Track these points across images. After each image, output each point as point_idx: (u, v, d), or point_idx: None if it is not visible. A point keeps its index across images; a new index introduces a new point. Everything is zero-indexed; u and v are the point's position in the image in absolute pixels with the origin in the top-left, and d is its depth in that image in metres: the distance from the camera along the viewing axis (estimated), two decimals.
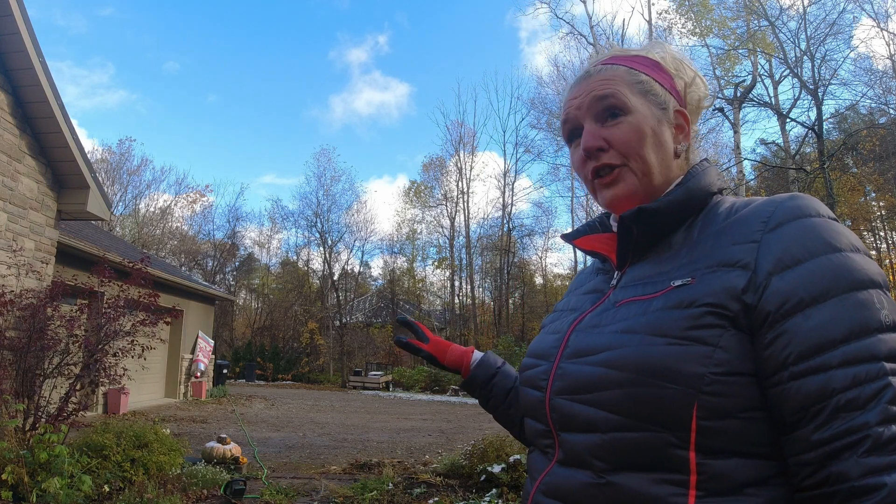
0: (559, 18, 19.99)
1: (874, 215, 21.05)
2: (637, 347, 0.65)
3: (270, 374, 25.33)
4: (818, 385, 0.57)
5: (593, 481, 0.66)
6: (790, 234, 0.63)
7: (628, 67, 0.79)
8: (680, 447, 0.61)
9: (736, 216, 0.69)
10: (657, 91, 0.79)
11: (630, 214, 0.73)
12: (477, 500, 4.74)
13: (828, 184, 11.12)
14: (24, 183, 5.62)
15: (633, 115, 0.76)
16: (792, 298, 0.60)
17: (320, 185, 29.91)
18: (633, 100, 0.77)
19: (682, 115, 0.80)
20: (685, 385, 0.61)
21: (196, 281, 16.64)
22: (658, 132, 0.77)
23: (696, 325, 0.63)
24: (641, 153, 0.76)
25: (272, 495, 4.78)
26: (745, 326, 0.62)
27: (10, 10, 5.19)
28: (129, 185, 30.48)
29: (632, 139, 0.76)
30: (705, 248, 0.69)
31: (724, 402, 0.60)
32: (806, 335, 0.58)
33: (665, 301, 0.66)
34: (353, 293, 34.13)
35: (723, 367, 0.61)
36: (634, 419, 0.63)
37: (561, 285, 31.11)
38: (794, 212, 0.65)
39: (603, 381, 0.67)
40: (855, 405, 0.55)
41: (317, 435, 8.98)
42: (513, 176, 29.29)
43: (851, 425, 0.55)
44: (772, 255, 0.63)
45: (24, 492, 3.64)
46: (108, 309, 5.58)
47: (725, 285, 0.63)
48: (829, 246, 0.62)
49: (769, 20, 12.53)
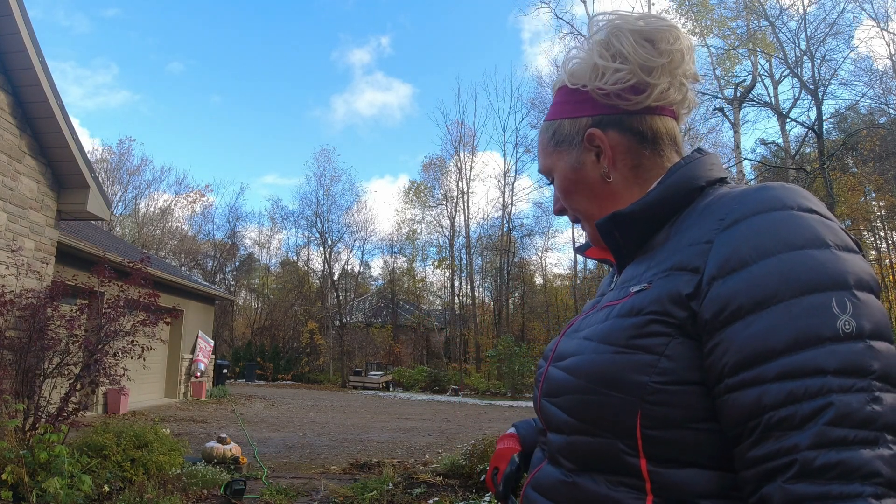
0: (559, 18, 20.05)
1: (874, 215, 21.06)
2: (589, 355, 0.66)
3: (270, 374, 25.33)
4: (752, 399, 0.52)
5: (563, 479, 0.69)
6: (742, 233, 0.57)
7: (546, 122, 0.82)
8: (630, 454, 0.61)
9: (707, 211, 0.64)
10: (565, 131, 0.79)
11: (604, 221, 0.73)
12: (477, 500, 4.74)
13: (828, 184, 11.12)
14: (24, 183, 5.62)
15: (556, 177, 0.81)
16: (731, 305, 0.55)
17: (320, 185, 29.96)
18: (552, 160, 0.80)
19: (593, 135, 0.75)
20: (627, 393, 0.60)
21: (196, 281, 16.65)
22: (577, 178, 0.78)
23: (640, 333, 0.61)
24: (575, 207, 0.80)
25: (272, 495, 4.78)
26: (692, 334, 0.58)
27: (10, 10, 5.18)
28: (129, 185, 30.52)
29: (564, 199, 0.81)
30: (669, 248, 0.66)
31: (669, 412, 0.58)
32: (742, 344, 0.53)
33: (621, 308, 0.66)
34: (353, 293, 34.13)
35: (667, 377, 0.58)
36: (587, 424, 0.65)
37: (561, 285, 31.13)
38: (754, 206, 0.59)
39: (565, 386, 0.69)
40: (789, 424, 0.50)
41: (317, 435, 8.98)
42: (513, 176, 29.32)
43: (782, 446, 0.50)
44: (718, 257, 0.58)
45: (24, 492, 3.63)
46: (108, 309, 5.58)
47: (671, 291, 0.60)
48: (785, 243, 0.55)
49: (769, 20, 12.53)
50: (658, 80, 0.72)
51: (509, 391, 20.01)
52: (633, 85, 0.72)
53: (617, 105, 0.74)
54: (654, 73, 0.71)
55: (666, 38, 0.71)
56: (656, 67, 0.71)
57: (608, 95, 0.73)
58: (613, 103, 0.74)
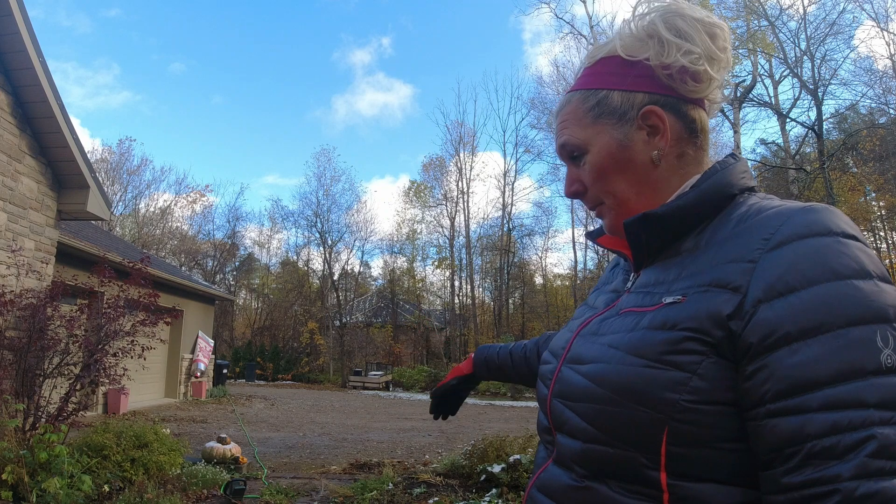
0: (559, 18, 20.06)
1: (874, 215, 21.04)
2: (616, 366, 0.64)
3: (270, 374, 25.33)
4: (793, 427, 0.53)
5: (574, 484, 0.67)
6: (789, 257, 0.57)
7: (583, 91, 0.76)
8: (651, 468, 0.60)
9: (745, 225, 0.64)
10: (612, 104, 0.73)
11: (633, 221, 0.71)
12: (477, 500, 4.74)
13: (828, 184, 11.12)
14: (24, 183, 5.62)
15: (591, 152, 0.74)
16: (778, 331, 0.55)
17: (320, 185, 29.94)
18: (588, 133, 0.74)
19: (653, 112, 0.71)
20: (656, 410, 0.59)
21: (196, 281, 16.65)
22: (621, 157, 0.73)
23: (674, 349, 0.60)
24: (609, 189, 0.74)
25: (272, 495, 4.78)
26: (728, 354, 0.58)
27: (10, 10, 5.18)
28: (129, 185, 30.52)
29: (596, 179, 0.75)
30: (705, 260, 0.64)
31: (696, 431, 0.58)
32: (787, 372, 0.54)
33: (652, 319, 0.64)
34: (353, 293, 34.12)
35: (697, 396, 0.58)
36: (608, 435, 0.63)
37: (561, 285, 31.11)
38: (801, 229, 0.58)
39: (585, 393, 0.67)
40: (831, 454, 0.50)
41: (317, 435, 8.98)
42: (513, 176, 29.30)
43: (823, 475, 0.50)
44: (764, 280, 0.57)
45: (23, 492, 3.63)
46: (108, 309, 5.58)
47: (711, 310, 0.59)
48: (832, 272, 0.55)
49: (769, 20, 12.53)
50: (718, 73, 0.71)
51: (509, 391, 20.01)
52: (697, 71, 0.70)
53: (676, 88, 0.72)
54: (714, 65, 0.71)
55: (725, 37, 0.72)
56: (718, 60, 0.71)
57: (671, 76, 0.71)
58: (674, 85, 0.72)
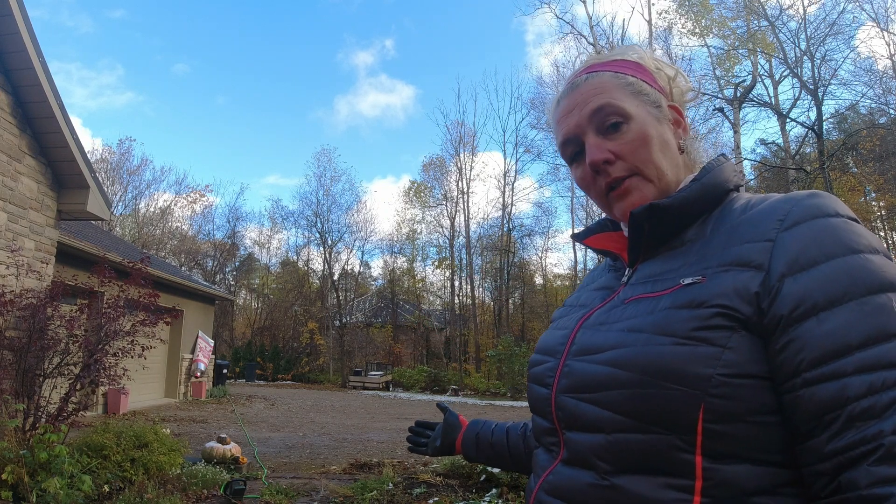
0: (559, 18, 20.07)
1: (874, 215, 21.04)
2: (643, 347, 0.63)
3: (270, 374, 25.33)
4: (832, 393, 0.55)
5: (597, 482, 0.65)
6: (807, 234, 0.61)
7: (613, 72, 0.77)
8: (686, 451, 0.60)
9: (752, 212, 0.68)
10: (647, 90, 0.77)
11: (641, 211, 0.72)
12: (477, 500, 4.74)
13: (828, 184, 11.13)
14: (24, 183, 5.62)
15: (634, 120, 0.74)
16: (806, 302, 0.58)
17: (320, 185, 29.98)
18: (629, 104, 0.75)
19: (675, 109, 0.79)
20: (691, 386, 0.59)
21: (196, 281, 16.64)
22: (660, 132, 0.75)
23: (704, 325, 0.61)
24: (652, 159, 0.74)
25: (272, 495, 4.78)
26: (756, 329, 0.60)
27: (10, 10, 5.18)
28: (129, 185, 30.51)
29: (640, 146, 0.74)
30: (718, 245, 0.67)
31: (732, 405, 0.59)
32: (820, 341, 0.56)
33: (673, 300, 0.65)
34: (353, 293, 34.13)
35: (731, 369, 0.59)
36: (639, 420, 0.62)
37: (561, 285, 31.11)
38: (812, 210, 0.63)
39: (608, 381, 0.65)
40: (871, 414, 0.53)
41: (317, 435, 8.98)
42: (513, 176, 29.41)
43: (866, 434, 0.53)
44: (786, 256, 0.61)
45: (23, 491, 3.63)
46: (108, 309, 5.58)
47: (737, 286, 0.61)
48: (848, 247, 0.60)
49: (769, 20, 12.54)
50: None
51: (509, 391, 20.01)
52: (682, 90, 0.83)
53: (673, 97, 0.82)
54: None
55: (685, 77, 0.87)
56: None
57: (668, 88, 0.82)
58: (672, 95, 0.82)
